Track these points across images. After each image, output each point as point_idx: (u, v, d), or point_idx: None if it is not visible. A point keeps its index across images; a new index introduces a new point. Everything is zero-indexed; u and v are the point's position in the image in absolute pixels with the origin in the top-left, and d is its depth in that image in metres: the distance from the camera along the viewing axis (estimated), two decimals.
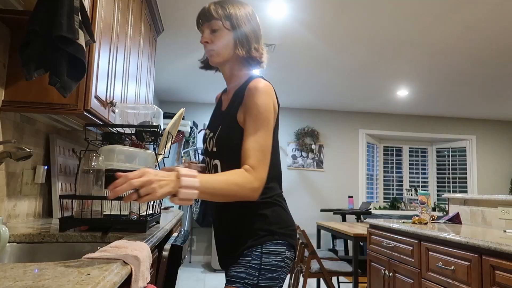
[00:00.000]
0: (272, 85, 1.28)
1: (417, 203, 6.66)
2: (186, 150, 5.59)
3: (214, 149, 1.29)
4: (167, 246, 1.59)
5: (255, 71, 1.39)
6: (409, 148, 6.99)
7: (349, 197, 5.96)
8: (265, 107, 1.19)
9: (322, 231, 6.27)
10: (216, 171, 1.29)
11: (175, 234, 1.89)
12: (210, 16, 1.28)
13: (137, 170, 0.92)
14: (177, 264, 1.59)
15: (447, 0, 2.87)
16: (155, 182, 0.91)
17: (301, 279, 3.54)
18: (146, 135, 1.72)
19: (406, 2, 2.91)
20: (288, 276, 5.23)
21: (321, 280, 4.56)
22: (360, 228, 3.64)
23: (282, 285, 1.21)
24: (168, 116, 5.22)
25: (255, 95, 1.20)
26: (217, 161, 1.28)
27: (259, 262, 1.18)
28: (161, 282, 1.54)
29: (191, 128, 5.77)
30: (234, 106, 1.27)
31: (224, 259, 1.30)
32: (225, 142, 1.26)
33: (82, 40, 1.36)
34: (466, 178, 6.76)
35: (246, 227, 1.23)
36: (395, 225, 2.62)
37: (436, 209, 6.58)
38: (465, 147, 6.83)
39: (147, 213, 1.61)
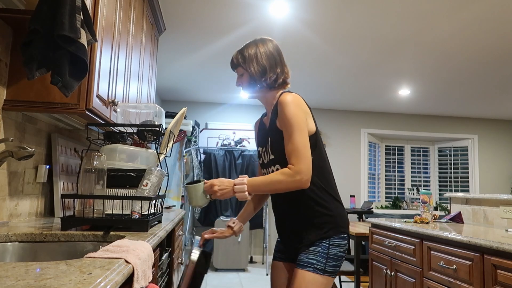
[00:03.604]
0: (300, 95, 1.54)
1: (419, 202, 6.66)
2: (187, 149, 5.59)
3: (272, 156, 1.57)
4: (196, 252, 1.58)
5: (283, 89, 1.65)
6: (411, 147, 6.98)
7: (351, 196, 5.96)
8: (292, 115, 1.46)
9: None
10: None
11: (197, 237, 1.87)
12: (234, 65, 1.64)
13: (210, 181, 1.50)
14: (204, 270, 1.59)
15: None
16: (218, 190, 1.48)
17: None
18: (148, 134, 1.72)
19: (408, 1, 2.90)
20: None
21: None
22: (362, 227, 3.64)
23: (339, 268, 1.50)
24: (170, 115, 5.23)
25: (284, 108, 1.47)
26: (277, 166, 1.55)
27: (326, 252, 1.46)
28: (186, 286, 1.54)
29: (193, 127, 5.77)
30: (274, 120, 1.56)
31: (290, 246, 1.60)
32: (278, 147, 1.53)
33: (84, 39, 1.36)
34: (468, 177, 6.74)
35: (315, 221, 1.50)
36: (397, 224, 2.61)
37: (438, 209, 6.57)
38: (467, 147, 6.81)
39: (149, 213, 1.61)
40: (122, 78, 2.08)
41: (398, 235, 2.61)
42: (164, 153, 1.85)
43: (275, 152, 1.55)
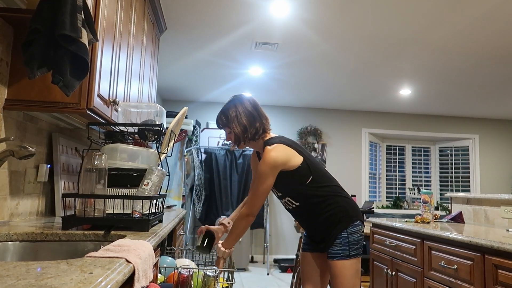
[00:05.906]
0: (285, 143, 1.84)
1: (420, 202, 6.65)
2: (188, 148, 5.59)
3: (279, 194, 1.96)
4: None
5: (269, 134, 1.95)
6: (412, 147, 6.97)
7: (352, 196, 5.95)
8: (262, 171, 1.79)
9: None
10: (290, 204, 1.94)
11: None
12: (219, 126, 1.94)
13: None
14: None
15: None
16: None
17: None
18: (149, 133, 1.72)
19: (409, 1, 2.90)
20: (291, 275, 5.24)
21: None
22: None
23: (362, 248, 1.85)
24: (171, 115, 5.22)
25: (260, 164, 1.80)
26: (287, 198, 1.93)
27: (347, 241, 1.82)
28: None
29: (194, 126, 5.77)
30: None
31: (317, 245, 2.00)
32: (280, 188, 1.92)
33: (85, 38, 1.36)
34: (468, 177, 6.74)
35: (334, 222, 1.84)
36: (398, 224, 2.61)
37: (439, 208, 6.56)
38: (468, 146, 6.80)
39: (150, 212, 1.61)
40: (123, 77, 2.08)
41: (399, 235, 2.60)
42: (165, 152, 1.85)
43: (280, 191, 1.94)
